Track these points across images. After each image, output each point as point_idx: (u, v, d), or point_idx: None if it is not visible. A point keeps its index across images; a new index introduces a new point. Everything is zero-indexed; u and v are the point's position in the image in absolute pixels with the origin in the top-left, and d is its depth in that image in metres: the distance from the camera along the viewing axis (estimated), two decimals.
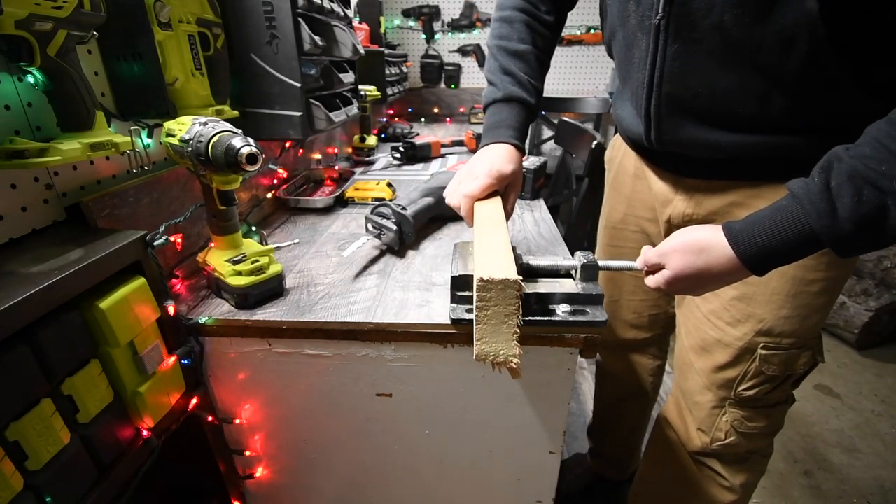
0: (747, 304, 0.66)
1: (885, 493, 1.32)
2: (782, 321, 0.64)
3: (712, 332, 0.71)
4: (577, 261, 0.57)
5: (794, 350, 0.66)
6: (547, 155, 2.55)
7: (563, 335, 0.57)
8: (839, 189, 0.42)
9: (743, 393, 0.69)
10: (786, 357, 0.66)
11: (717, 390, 0.72)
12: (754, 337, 0.66)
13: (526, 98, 0.71)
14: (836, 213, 0.42)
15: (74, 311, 0.45)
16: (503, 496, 0.74)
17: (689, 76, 0.57)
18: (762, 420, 0.71)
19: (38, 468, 0.42)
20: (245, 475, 0.74)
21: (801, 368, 0.67)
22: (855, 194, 0.41)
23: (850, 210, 0.41)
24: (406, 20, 2.54)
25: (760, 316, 0.65)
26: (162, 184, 0.67)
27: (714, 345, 0.71)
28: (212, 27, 0.71)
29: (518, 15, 0.74)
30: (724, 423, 0.72)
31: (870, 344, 1.93)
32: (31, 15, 0.43)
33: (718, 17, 0.51)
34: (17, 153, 0.45)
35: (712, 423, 0.74)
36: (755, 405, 0.70)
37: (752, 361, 0.67)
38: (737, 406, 0.71)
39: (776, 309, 0.64)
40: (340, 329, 0.59)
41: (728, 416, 0.72)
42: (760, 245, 0.46)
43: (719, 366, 0.71)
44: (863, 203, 0.40)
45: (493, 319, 0.45)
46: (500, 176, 0.64)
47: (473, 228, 0.59)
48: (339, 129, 1.51)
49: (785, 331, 0.65)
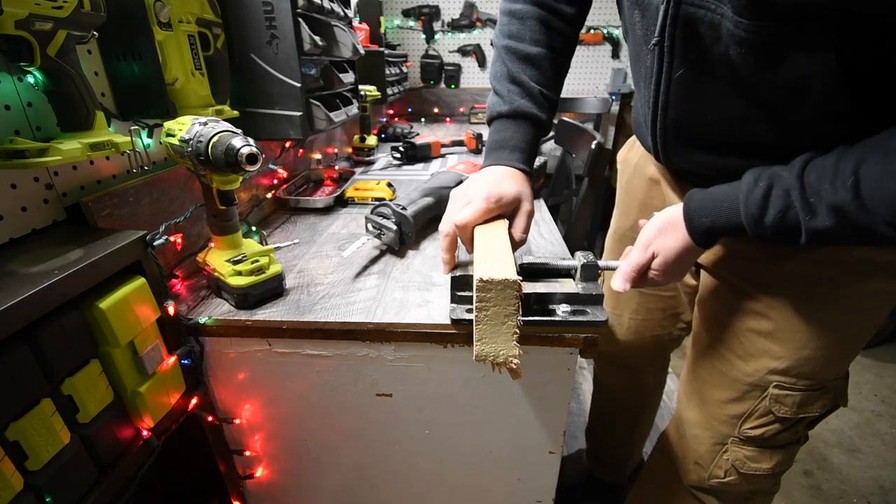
0: (764, 339, 0.60)
1: (885, 493, 1.32)
2: (802, 362, 0.58)
3: (719, 365, 0.65)
4: (577, 261, 0.57)
5: (811, 392, 0.59)
6: (547, 155, 2.55)
7: (563, 335, 0.57)
8: (774, 201, 0.45)
9: (748, 432, 0.63)
10: (801, 399, 0.59)
11: (719, 426, 0.66)
12: (767, 375, 0.60)
13: (536, 113, 0.63)
14: (763, 220, 0.46)
15: (74, 311, 0.45)
16: (503, 496, 0.74)
17: (697, 103, 0.52)
18: (767, 461, 0.64)
19: (38, 468, 0.42)
20: (245, 475, 0.74)
21: (817, 412, 0.60)
22: (781, 211, 0.45)
23: (773, 223, 0.46)
24: (406, 20, 2.54)
25: (778, 353, 0.59)
26: (162, 184, 0.67)
27: (720, 376, 0.65)
28: (212, 27, 0.71)
29: (532, 9, 0.64)
30: (725, 461, 0.66)
31: (870, 344, 1.92)
32: (31, 15, 0.43)
33: (725, 49, 0.45)
34: (17, 153, 0.45)
35: (711, 460, 0.68)
36: (761, 445, 0.63)
37: (762, 399, 0.61)
38: (740, 445, 0.65)
39: (797, 349, 0.57)
40: (340, 329, 0.59)
41: (729, 455, 0.66)
42: (706, 224, 0.51)
43: (724, 400, 0.65)
44: (784, 220, 0.45)
45: (493, 320, 0.45)
46: (499, 200, 0.57)
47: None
48: (339, 129, 1.51)
49: (804, 372, 0.58)
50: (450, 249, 0.59)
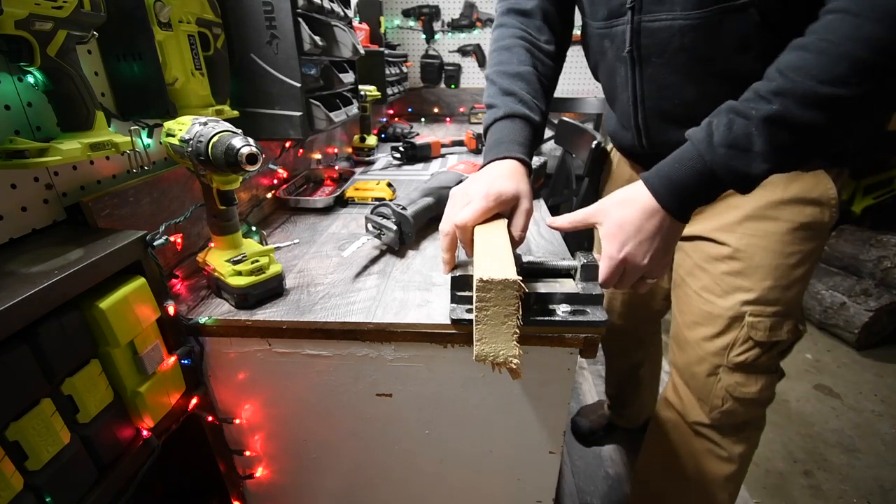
0: (735, 278, 0.73)
1: (885, 493, 1.32)
2: (766, 291, 0.71)
3: (704, 306, 0.77)
4: (577, 261, 0.57)
5: (777, 318, 0.72)
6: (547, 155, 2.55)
7: (563, 335, 0.56)
8: (717, 122, 0.50)
9: (735, 359, 0.75)
10: (771, 324, 0.72)
11: (711, 358, 0.78)
12: (742, 306, 0.73)
13: (530, 115, 0.67)
14: (712, 139, 0.49)
15: (74, 311, 0.45)
16: (503, 496, 0.74)
17: (665, 91, 0.65)
18: (754, 385, 0.76)
19: (38, 468, 0.42)
20: (245, 475, 0.74)
21: (785, 336, 0.74)
22: (727, 124, 0.49)
23: (722, 136, 0.48)
24: (406, 20, 2.54)
25: (747, 287, 0.72)
26: (162, 184, 0.67)
27: (706, 317, 0.77)
28: (212, 27, 0.71)
29: (517, 42, 0.72)
30: (720, 389, 0.78)
31: (870, 344, 1.93)
32: (31, 15, 0.43)
33: (679, 41, 0.59)
34: (17, 153, 0.45)
35: (709, 391, 0.79)
36: (747, 370, 0.76)
37: (742, 328, 0.73)
38: (730, 372, 0.76)
39: (760, 280, 0.71)
40: (340, 329, 0.59)
41: (723, 382, 0.77)
42: (671, 182, 0.52)
43: (712, 335, 0.77)
44: (732, 131, 0.48)
45: (493, 320, 0.45)
46: (498, 198, 0.57)
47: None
48: (339, 129, 1.51)
49: (769, 299, 0.71)
50: (450, 249, 0.59)
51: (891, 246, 2.00)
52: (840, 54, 0.43)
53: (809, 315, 2.09)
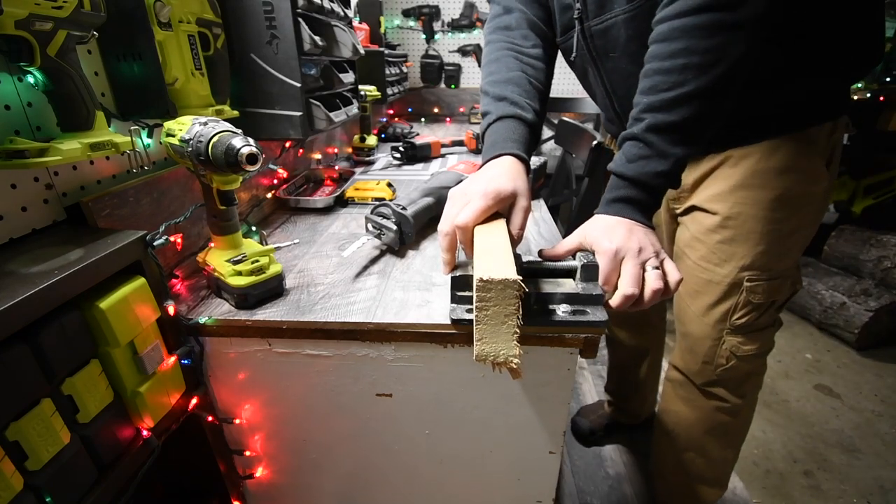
0: (729, 245, 0.77)
1: (885, 493, 1.32)
2: (759, 255, 0.75)
3: (704, 275, 0.81)
4: (578, 261, 0.57)
5: (774, 281, 0.77)
6: (547, 155, 2.55)
7: (564, 335, 0.57)
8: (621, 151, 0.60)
9: (736, 322, 0.80)
10: (769, 287, 0.77)
11: (715, 324, 0.82)
12: (739, 272, 0.77)
13: (523, 115, 0.69)
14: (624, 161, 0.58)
15: (74, 311, 0.45)
16: (503, 496, 0.74)
17: (629, 79, 0.69)
18: (754, 343, 0.82)
19: (38, 468, 0.42)
20: (245, 475, 0.74)
21: (783, 296, 0.79)
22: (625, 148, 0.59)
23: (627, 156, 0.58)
24: (406, 20, 2.54)
25: (742, 254, 0.76)
26: (162, 184, 0.67)
27: (706, 285, 0.81)
28: (212, 27, 0.71)
29: (504, 52, 0.77)
30: (724, 350, 0.83)
31: (870, 344, 1.93)
32: (31, 15, 0.43)
33: (626, 32, 0.67)
34: (17, 153, 0.45)
35: (714, 354, 0.84)
36: (747, 331, 0.81)
37: (741, 293, 0.78)
38: (732, 334, 0.81)
39: (754, 246, 0.75)
40: (340, 329, 0.59)
41: (726, 345, 0.82)
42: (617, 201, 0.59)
43: (713, 302, 0.81)
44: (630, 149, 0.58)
45: (493, 320, 0.45)
46: (497, 195, 0.58)
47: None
48: (339, 129, 1.51)
49: (764, 264, 0.75)
50: (450, 249, 0.59)
51: (891, 246, 2.00)
52: (669, 69, 0.54)
53: (809, 315, 2.09)
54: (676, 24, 0.53)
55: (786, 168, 0.70)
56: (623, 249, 0.54)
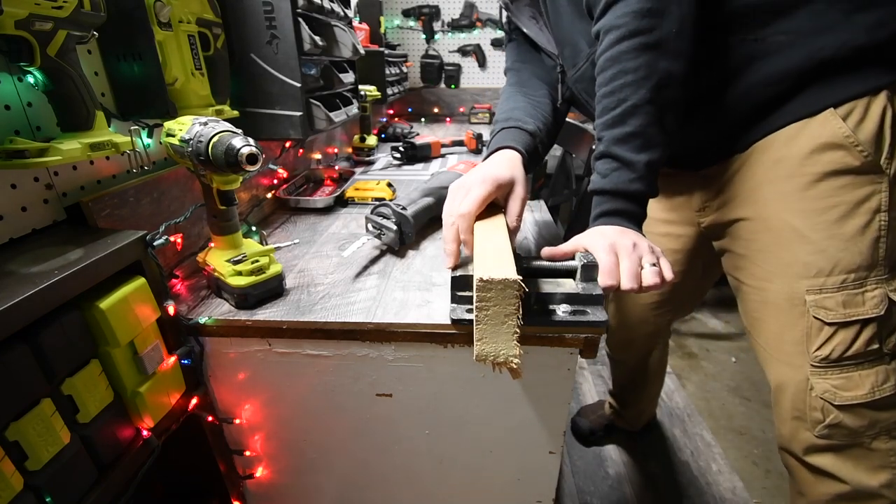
0: (773, 252, 0.64)
1: None
2: (810, 255, 0.59)
3: (757, 297, 0.67)
4: (578, 261, 0.57)
5: (846, 287, 0.58)
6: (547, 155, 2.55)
7: (564, 335, 0.57)
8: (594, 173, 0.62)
9: (818, 353, 0.61)
10: (841, 298, 0.59)
11: (793, 359, 0.64)
12: (794, 283, 0.61)
13: (526, 126, 0.73)
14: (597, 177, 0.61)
15: (74, 311, 0.45)
16: (503, 496, 0.74)
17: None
18: (860, 385, 0.60)
19: (38, 468, 0.42)
20: (245, 475, 0.74)
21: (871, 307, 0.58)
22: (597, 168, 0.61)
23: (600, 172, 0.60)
24: (406, 20, 2.54)
25: (787, 260, 0.62)
26: (162, 184, 0.67)
27: (766, 309, 0.66)
28: (212, 27, 0.71)
29: (513, 92, 0.83)
30: (815, 398, 0.62)
31: None
32: (31, 15, 0.43)
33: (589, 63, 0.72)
34: (17, 153, 0.45)
35: (805, 404, 0.64)
36: (840, 366, 0.60)
37: (808, 313, 0.61)
38: (820, 374, 0.62)
39: (800, 245, 0.61)
40: (340, 329, 0.59)
41: (816, 390, 0.62)
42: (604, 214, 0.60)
43: (779, 331, 0.65)
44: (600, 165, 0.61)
45: (493, 320, 0.45)
46: (496, 181, 0.61)
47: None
48: (339, 129, 1.51)
49: (823, 268, 0.59)
50: (454, 240, 0.59)
51: None
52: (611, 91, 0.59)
53: None
54: (608, 55, 0.59)
55: (815, 149, 0.60)
56: (618, 244, 0.54)
